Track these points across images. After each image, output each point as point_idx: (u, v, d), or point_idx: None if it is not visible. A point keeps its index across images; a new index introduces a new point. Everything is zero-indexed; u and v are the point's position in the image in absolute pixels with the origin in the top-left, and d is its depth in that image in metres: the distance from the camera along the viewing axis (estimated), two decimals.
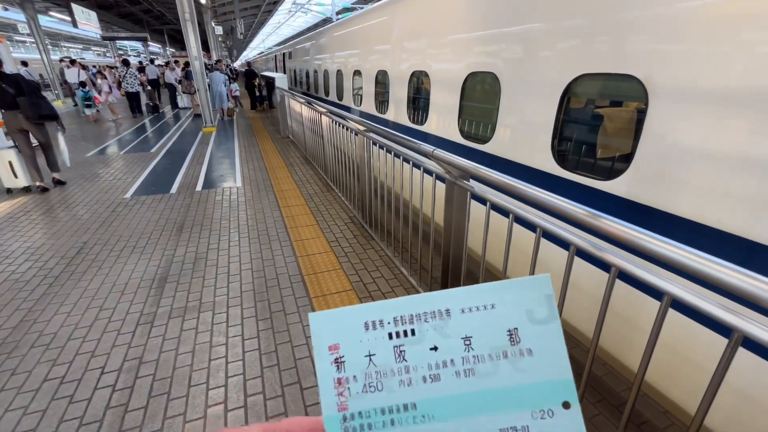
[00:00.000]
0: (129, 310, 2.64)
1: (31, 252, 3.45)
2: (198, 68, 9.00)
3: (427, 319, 0.29)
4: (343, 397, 0.27)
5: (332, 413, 0.27)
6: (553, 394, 0.27)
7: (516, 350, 0.28)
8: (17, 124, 4.73)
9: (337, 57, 7.96)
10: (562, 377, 0.27)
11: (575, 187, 2.48)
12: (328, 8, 23.35)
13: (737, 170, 1.72)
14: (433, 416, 0.27)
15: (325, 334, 0.28)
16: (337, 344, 0.28)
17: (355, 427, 0.27)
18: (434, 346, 0.28)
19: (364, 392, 0.27)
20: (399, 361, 0.28)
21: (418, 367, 0.28)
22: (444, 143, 3.99)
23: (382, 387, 0.27)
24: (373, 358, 0.28)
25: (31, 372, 2.12)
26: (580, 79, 2.42)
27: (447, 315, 0.29)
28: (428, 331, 0.28)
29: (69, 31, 28.68)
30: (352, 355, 0.28)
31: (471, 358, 0.28)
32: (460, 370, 0.28)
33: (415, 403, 0.27)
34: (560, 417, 0.26)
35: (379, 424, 0.27)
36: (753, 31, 1.63)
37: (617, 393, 2.00)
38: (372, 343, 0.28)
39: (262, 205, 4.59)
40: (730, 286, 0.87)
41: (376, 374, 0.28)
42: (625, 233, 1.08)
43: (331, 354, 0.28)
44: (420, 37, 4.50)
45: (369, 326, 0.28)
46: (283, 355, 2.24)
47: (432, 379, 0.27)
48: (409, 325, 0.29)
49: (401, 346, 0.28)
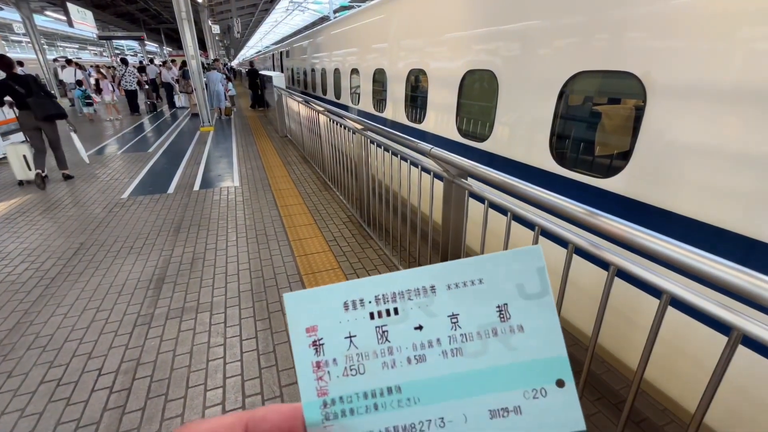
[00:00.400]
0: (126, 311, 2.63)
1: (28, 253, 3.44)
2: (195, 67, 8.96)
3: (410, 297, 0.27)
4: (322, 381, 0.26)
5: (311, 399, 0.26)
6: (546, 372, 0.25)
7: (506, 327, 0.26)
8: (31, 122, 5.04)
9: (334, 55, 7.93)
10: (556, 354, 0.26)
11: (574, 185, 2.47)
12: (325, 6, 23.29)
13: (735, 167, 1.72)
14: (419, 399, 0.26)
15: (302, 315, 0.27)
16: (315, 326, 0.27)
17: (336, 413, 0.25)
18: (419, 326, 0.27)
19: (345, 376, 0.26)
20: (381, 342, 0.27)
21: (402, 347, 0.27)
22: (442, 141, 3.98)
23: (364, 370, 0.26)
24: (353, 339, 0.27)
25: (27, 374, 2.11)
26: (578, 76, 2.41)
27: (432, 292, 0.27)
28: (412, 310, 0.27)
29: (65, 31, 28.53)
30: (332, 337, 0.27)
31: (458, 337, 0.26)
32: (447, 349, 0.26)
33: (400, 385, 0.26)
34: (554, 395, 0.25)
35: (362, 409, 0.26)
36: (749, 27, 1.62)
37: (616, 391, 2.00)
38: (352, 323, 0.27)
39: (260, 204, 4.57)
40: (729, 284, 0.86)
41: (358, 356, 0.26)
42: (624, 231, 1.07)
43: (309, 336, 0.27)
44: (417, 35, 4.48)
45: (349, 306, 0.27)
46: (281, 355, 2.23)
47: (417, 360, 0.26)
48: (391, 303, 0.27)
49: (384, 326, 0.27)
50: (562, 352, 0.26)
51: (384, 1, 5.37)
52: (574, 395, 0.25)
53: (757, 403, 1.71)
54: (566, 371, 0.25)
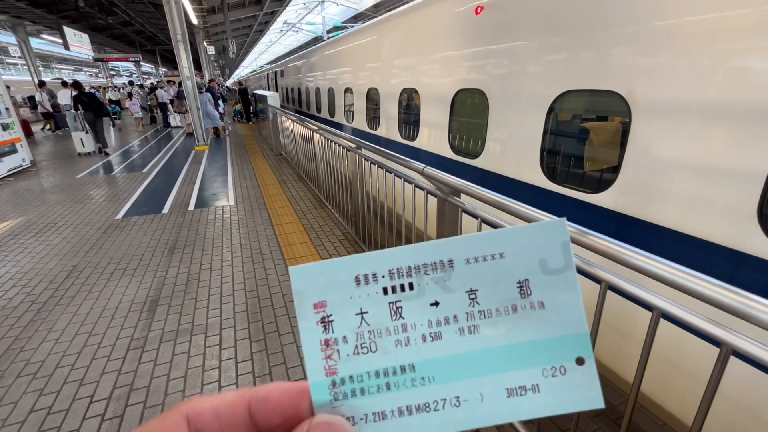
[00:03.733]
0: (119, 335, 2.59)
1: (18, 278, 3.39)
2: (190, 88, 9.06)
3: (427, 272, 0.25)
4: (331, 360, 0.25)
5: (319, 379, 0.24)
6: (567, 349, 0.24)
7: (527, 303, 0.25)
8: (90, 118, 8.89)
9: (328, 75, 8.08)
10: (577, 331, 0.24)
11: (564, 200, 2.52)
12: (318, 27, 23.79)
13: (720, 179, 1.77)
14: (434, 378, 0.24)
15: (309, 290, 0.25)
16: (324, 301, 0.25)
17: (346, 393, 0.24)
18: (435, 302, 0.25)
19: (356, 354, 0.25)
20: (395, 319, 0.25)
21: (417, 324, 0.25)
22: (435, 158, 4.03)
23: (376, 348, 0.25)
24: (365, 316, 0.25)
25: (16, 403, 2.06)
26: (565, 95, 2.48)
27: (450, 266, 0.25)
28: (428, 285, 0.25)
29: (61, 53, 28.79)
30: (341, 314, 0.25)
31: (476, 314, 0.25)
32: (464, 326, 0.25)
33: (414, 364, 0.25)
34: (573, 373, 0.24)
35: (374, 389, 0.24)
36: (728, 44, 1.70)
37: (614, 406, 1.99)
38: (364, 299, 0.25)
39: (255, 223, 4.57)
40: (716, 301, 0.88)
41: (369, 334, 0.25)
42: (613, 249, 1.10)
43: (317, 313, 0.25)
44: (409, 55, 4.59)
45: (361, 280, 0.25)
46: (277, 377, 2.20)
47: (432, 338, 0.25)
48: (406, 278, 0.25)
49: (398, 302, 0.25)
50: (583, 329, 0.25)
51: (376, 23, 5.52)
52: (594, 373, 0.24)
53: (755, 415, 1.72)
54: (587, 349, 0.24)
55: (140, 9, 15.22)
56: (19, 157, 7.60)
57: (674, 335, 1.83)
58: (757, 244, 1.66)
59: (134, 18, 16.44)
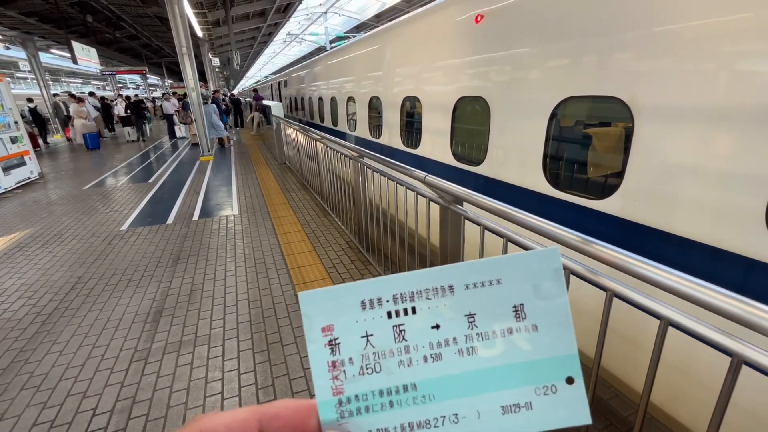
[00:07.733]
0: (123, 346, 2.59)
1: (24, 289, 3.41)
2: (195, 99, 9.17)
3: (428, 296, 0.27)
4: (338, 380, 0.26)
5: (327, 397, 0.26)
6: (557, 369, 0.26)
7: (521, 326, 0.26)
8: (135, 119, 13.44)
9: (331, 84, 8.15)
10: (567, 353, 0.26)
11: (568, 207, 2.50)
12: (321, 37, 24.09)
13: (726, 184, 1.74)
14: (434, 396, 0.26)
15: (318, 314, 0.27)
16: (331, 325, 0.27)
17: (352, 411, 0.26)
18: (436, 325, 0.27)
19: (361, 375, 0.26)
20: (398, 341, 0.27)
21: (419, 346, 0.27)
22: (438, 166, 4.03)
23: (380, 368, 0.26)
24: (370, 338, 0.27)
25: (20, 417, 2.05)
26: (567, 101, 2.48)
27: (450, 291, 0.27)
28: (430, 309, 0.27)
29: (69, 67, 29.33)
30: (348, 337, 0.27)
31: (475, 336, 0.27)
32: (462, 348, 0.27)
33: (416, 383, 0.26)
34: (563, 392, 0.26)
35: (378, 407, 0.26)
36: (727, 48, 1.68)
37: (624, 417, 1.94)
38: (369, 323, 0.27)
39: (259, 232, 4.58)
40: (724, 312, 0.86)
41: (374, 355, 0.27)
42: (617, 258, 1.08)
43: (325, 336, 0.27)
44: (411, 64, 4.62)
45: (366, 305, 0.27)
46: (280, 389, 2.18)
47: (433, 359, 0.26)
48: (409, 302, 0.27)
49: (401, 325, 0.27)
50: (573, 351, 0.26)
51: (377, 33, 5.57)
52: (582, 391, 0.26)
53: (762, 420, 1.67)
54: (576, 369, 0.26)
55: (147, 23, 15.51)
56: (27, 170, 7.71)
57: (685, 344, 1.79)
58: (765, 249, 1.63)
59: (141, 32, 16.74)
